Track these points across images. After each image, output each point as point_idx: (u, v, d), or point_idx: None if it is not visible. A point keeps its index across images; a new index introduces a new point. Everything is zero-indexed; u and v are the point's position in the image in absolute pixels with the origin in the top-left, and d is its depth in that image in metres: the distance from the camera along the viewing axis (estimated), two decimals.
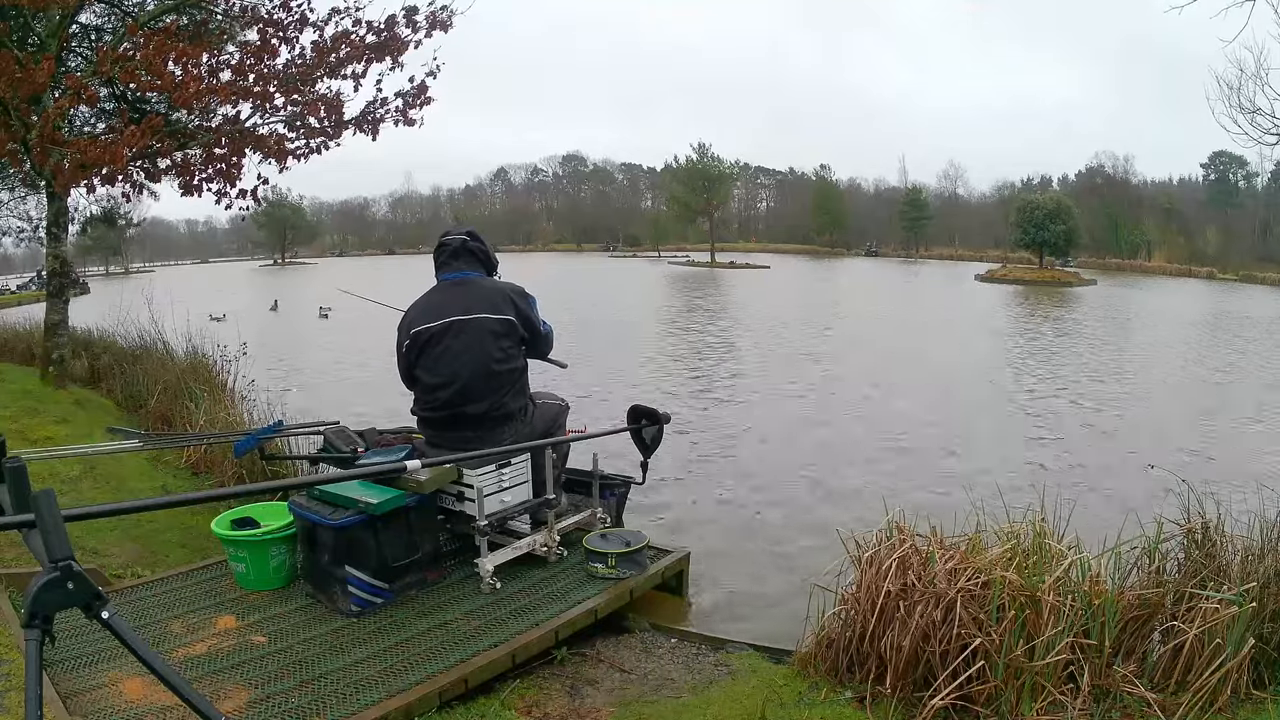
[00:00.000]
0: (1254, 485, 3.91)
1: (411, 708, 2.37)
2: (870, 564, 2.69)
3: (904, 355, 12.55)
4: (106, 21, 7.38)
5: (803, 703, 2.56)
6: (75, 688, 2.36)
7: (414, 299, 3.46)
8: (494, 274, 3.52)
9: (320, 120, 6.86)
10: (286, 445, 4.64)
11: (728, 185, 58.39)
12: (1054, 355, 12.70)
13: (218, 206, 8.79)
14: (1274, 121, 4.46)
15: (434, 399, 3.32)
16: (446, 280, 3.40)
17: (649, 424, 3.74)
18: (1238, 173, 57.18)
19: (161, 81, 5.70)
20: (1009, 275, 37.45)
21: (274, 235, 67.47)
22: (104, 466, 4.64)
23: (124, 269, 59.88)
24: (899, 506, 2.94)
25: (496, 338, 3.27)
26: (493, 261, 3.51)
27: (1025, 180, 68.68)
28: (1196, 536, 2.77)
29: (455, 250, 3.40)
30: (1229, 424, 7.82)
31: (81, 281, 31.31)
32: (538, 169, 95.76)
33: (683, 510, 5.08)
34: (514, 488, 3.34)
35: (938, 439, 7.04)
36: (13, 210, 12.12)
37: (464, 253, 3.40)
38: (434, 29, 6.79)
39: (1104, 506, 4.65)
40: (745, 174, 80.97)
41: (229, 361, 6.94)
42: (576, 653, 2.98)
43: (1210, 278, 42.86)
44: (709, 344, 13.84)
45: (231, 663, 2.58)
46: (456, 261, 3.40)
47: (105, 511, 1.92)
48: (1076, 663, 2.46)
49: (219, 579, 3.24)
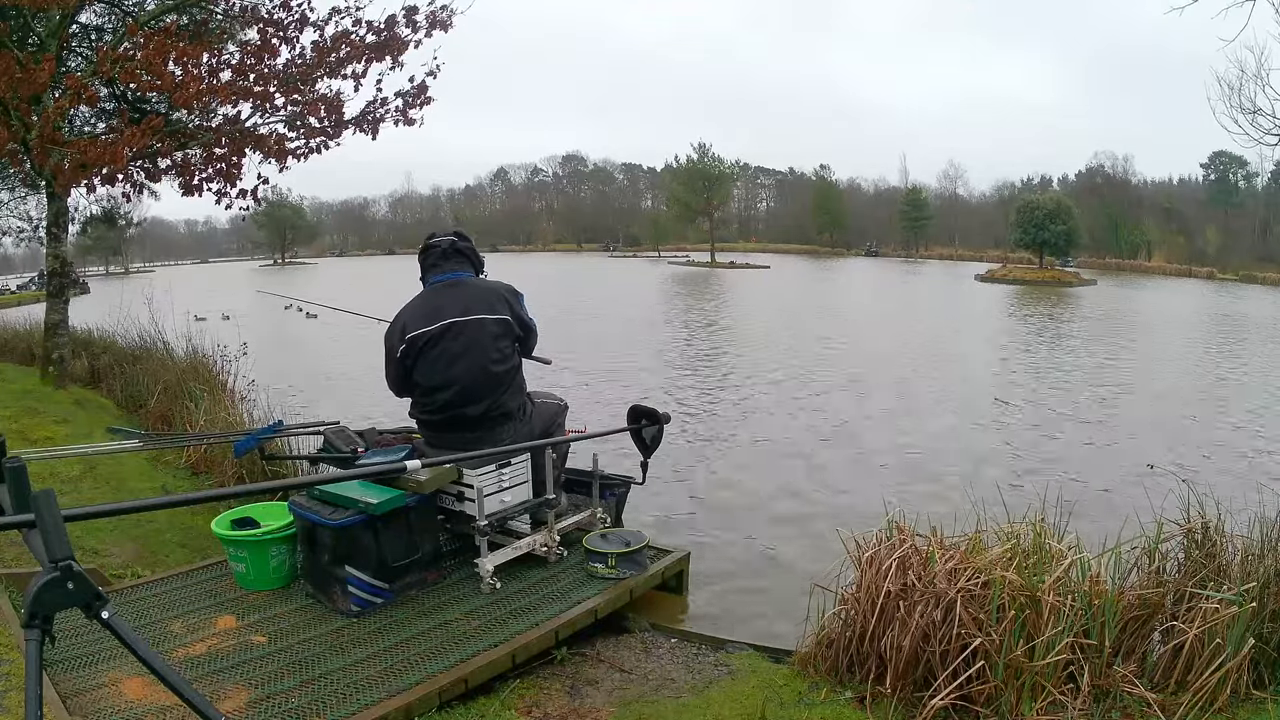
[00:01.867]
0: (1254, 485, 3.91)
1: (411, 708, 2.37)
2: (870, 564, 2.69)
3: (905, 356, 12.54)
4: (106, 21, 7.39)
5: (803, 703, 2.56)
6: (75, 688, 2.36)
7: (401, 305, 3.42)
8: (481, 273, 3.51)
9: (320, 120, 6.87)
10: (286, 445, 4.64)
11: (728, 185, 58.38)
12: (1054, 356, 12.70)
13: (218, 206, 8.85)
14: (1274, 122, 4.46)
15: (433, 401, 3.32)
16: (438, 282, 3.37)
17: (649, 424, 3.74)
18: (1238, 173, 57.15)
19: (162, 81, 5.71)
20: (1009, 275, 37.45)
21: (274, 235, 67.55)
22: (104, 466, 4.64)
23: (124, 269, 59.92)
24: (899, 507, 2.94)
25: (495, 338, 3.27)
26: (480, 260, 3.51)
27: (1025, 180, 68.84)
28: (1196, 536, 2.77)
29: (445, 251, 3.38)
30: (1229, 424, 7.82)
31: (81, 281, 31.36)
32: (538, 169, 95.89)
33: (683, 510, 5.08)
34: (514, 488, 3.34)
35: (938, 440, 7.04)
36: (13, 210, 12.14)
37: (454, 253, 3.39)
38: (434, 29, 6.80)
39: (1104, 506, 4.64)
40: (745, 174, 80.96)
41: (229, 361, 6.94)
42: (576, 653, 2.98)
43: (1210, 278, 42.85)
44: (709, 344, 13.84)
45: (231, 663, 2.58)
46: (447, 263, 3.38)
47: (105, 511, 1.92)
48: (1076, 663, 2.46)
49: (219, 579, 3.24)
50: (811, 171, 77.12)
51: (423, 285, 3.43)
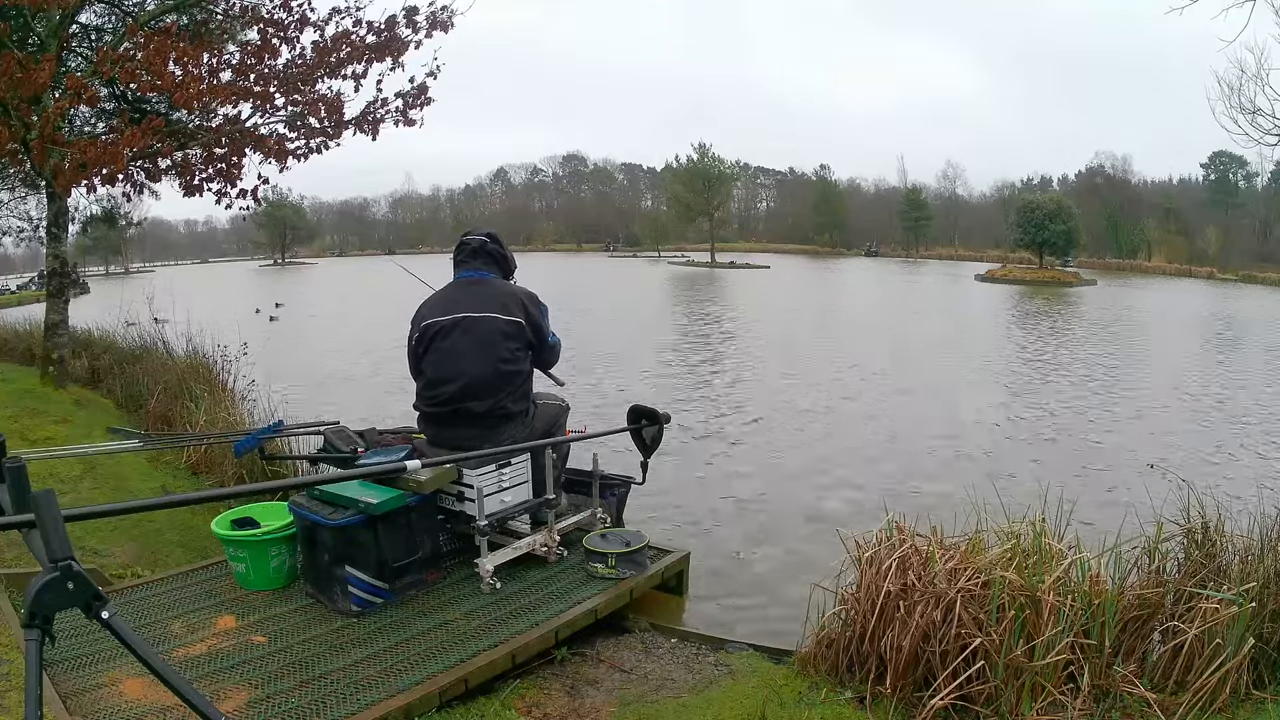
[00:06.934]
0: (1254, 485, 3.91)
1: (411, 708, 2.37)
2: (870, 564, 2.69)
3: (907, 358, 12.54)
4: (106, 21, 7.37)
5: (803, 703, 2.56)
6: (75, 688, 2.36)
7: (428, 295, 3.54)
8: (510, 277, 3.57)
9: (320, 120, 6.86)
10: (286, 445, 4.64)
11: (728, 185, 58.34)
12: (1054, 352, 12.70)
13: (218, 206, 8.83)
14: (1274, 121, 4.46)
15: (437, 394, 3.33)
16: (463, 278, 3.47)
17: (649, 424, 3.74)
18: (1238, 173, 57.16)
19: (162, 82, 5.70)
20: (1009, 275, 37.43)
21: (274, 235, 67.47)
22: (104, 466, 4.64)
23: (124, 269, 59.86)
24: (899, 507, 2.94)
25: (505, 338, 3.29)
26: (510, 265, 3.57)
27: (1025, 180, 68.85)
28: (1196, 536, 2.78)
29: (474, 250, 3.48)
30: (1228, 424, 7.82)
31: (81, 281, 31.35)
32: (537, 169, 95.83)
33: (683, 510, 5.08)
34: (514, 488, 3.34)
35: (940, 441, 7.04)
36: (13, 210, 12.11)
37: (482, 253, 3.48)
38: (434, 29, 6.79)
39: (1104, 506, 4.64)
40: (745, 174, 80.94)
41: (229, 361, 6.94)
42: (576, 653, 2.98)
43: (1210, 278, 42.84)
44: (709, 345, 13.84)
45: (231, 663, 2.58)
46: (474, 261, 3.48)
47: (105, 511, 1.92)
48: (1076, 663, 2.46)
49: (219, 579, 3.24)
50: (811, 171, 77.28)
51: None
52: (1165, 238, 53.96)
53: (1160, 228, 55.03)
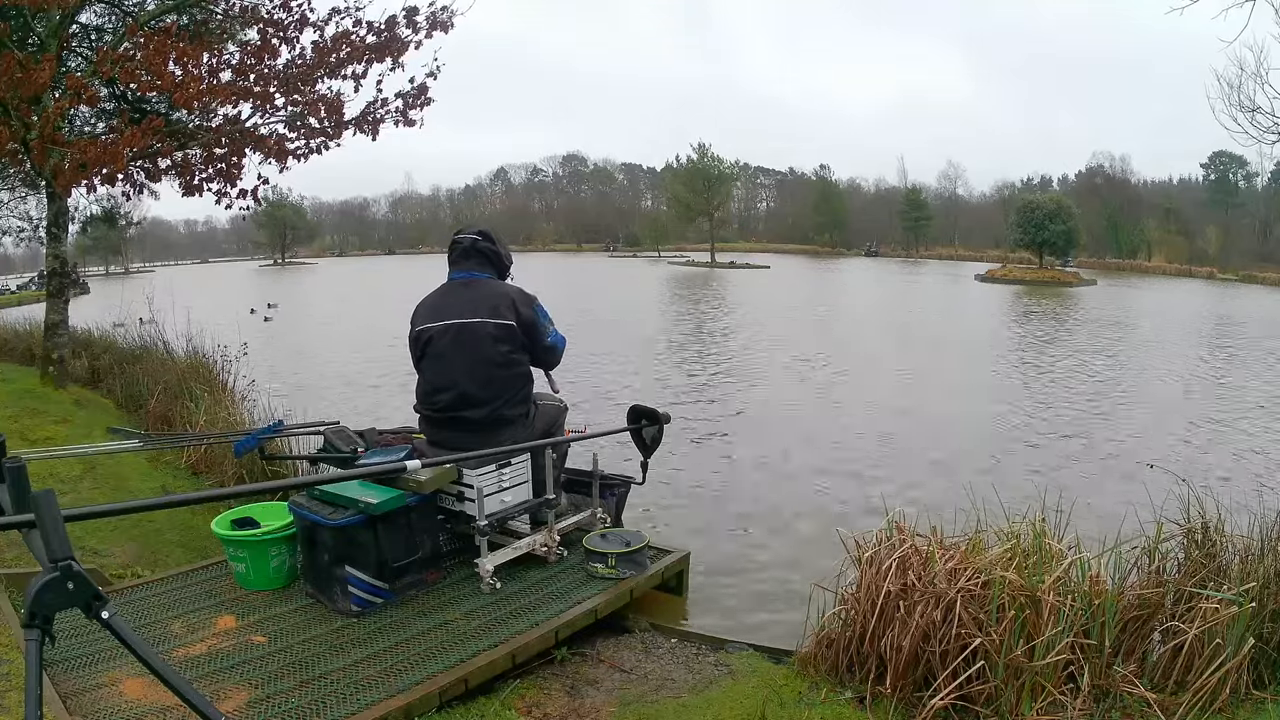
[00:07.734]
0: (1254, 485, 3.91)
1: (411, 708, 2.37)
2: (870, 564, 2.69)
3: (907, 358, 12.54)
4: (106, 21, 7.37)
5: (803, 703, 2.56)
6: (75, 688, 2.36)
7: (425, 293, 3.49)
8: (505, 275, 3.49)
9: (320, 120, 6.86)
10: (286, 445, 4.64)
11: (728, 185, 58.35)
12: (1054, 352, 12.70)
13: (217, 206, 8.81)
14: (1274, 120, 4.46)
15: (434, 401, 3.34)
16: (455, 279, 3.42)
17: (649, 424, 3.74)
18: (1238, 172, 57.16)
19: (162, 82, 5.70)
20: (1009, 275, 37.45)
21: (274, 235, 67.47)
22: (104, 466, 4.64)
23: (124, 269, 59.86)
24: (899, 506, 2.94)
25: (495, 342, 3.25)
26: (505, 263, 3.48)
27: (1025, 180, 68.84)
28: (1196, 536, 2.77)
29: (465, 250, 3.41)
30: (1229, 424, 7.82)
31: (81, 281, 31.36)
32: (537, 169, 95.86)
33: (682, 510, 5.08)
34: (514, 488, 3.34)
35: (940, 440, 7.04)
36: (13, 210, 12.14)
37: (474, 253, 3.40)
38: (434, 30, 6.79)
39: (1104, 506, 4.64)
40: (745, 174, 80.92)
41: (229, 361, 6.94)
42: (576, 653, 2.98)
43: (1210, 278, 42.84)
44: (709, 344, 13.84)
45: (231, 663, 2.57)
46: (466, 261, 3.41)
47: (105, 511, 1.92)
48: (1076, 663, 2.46)
49: (219, 579, 3.23)
50: (811, 171, 77.27)
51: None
52: (1165, 238, 53.97)
53: (1160, 228, 55.04)
